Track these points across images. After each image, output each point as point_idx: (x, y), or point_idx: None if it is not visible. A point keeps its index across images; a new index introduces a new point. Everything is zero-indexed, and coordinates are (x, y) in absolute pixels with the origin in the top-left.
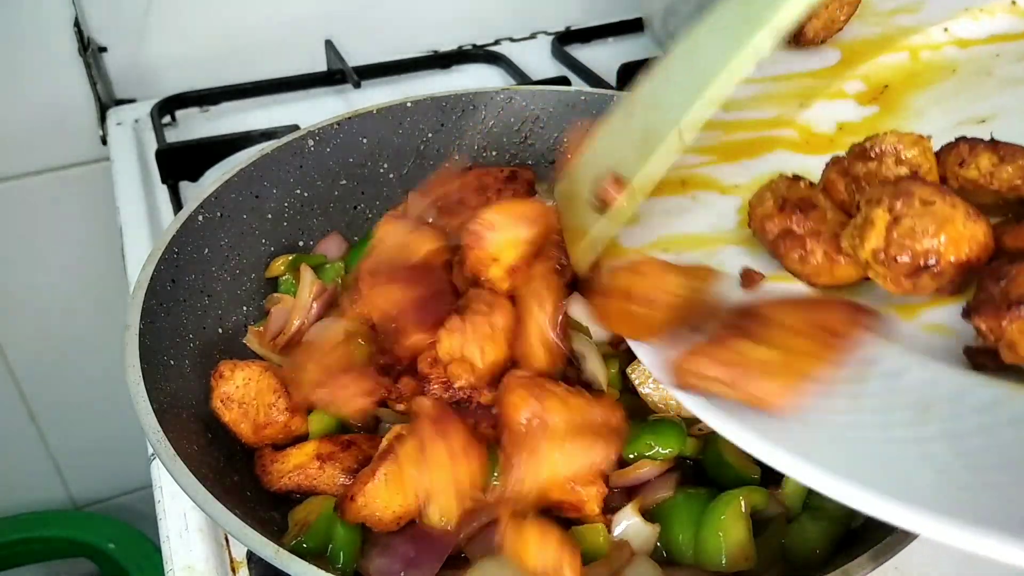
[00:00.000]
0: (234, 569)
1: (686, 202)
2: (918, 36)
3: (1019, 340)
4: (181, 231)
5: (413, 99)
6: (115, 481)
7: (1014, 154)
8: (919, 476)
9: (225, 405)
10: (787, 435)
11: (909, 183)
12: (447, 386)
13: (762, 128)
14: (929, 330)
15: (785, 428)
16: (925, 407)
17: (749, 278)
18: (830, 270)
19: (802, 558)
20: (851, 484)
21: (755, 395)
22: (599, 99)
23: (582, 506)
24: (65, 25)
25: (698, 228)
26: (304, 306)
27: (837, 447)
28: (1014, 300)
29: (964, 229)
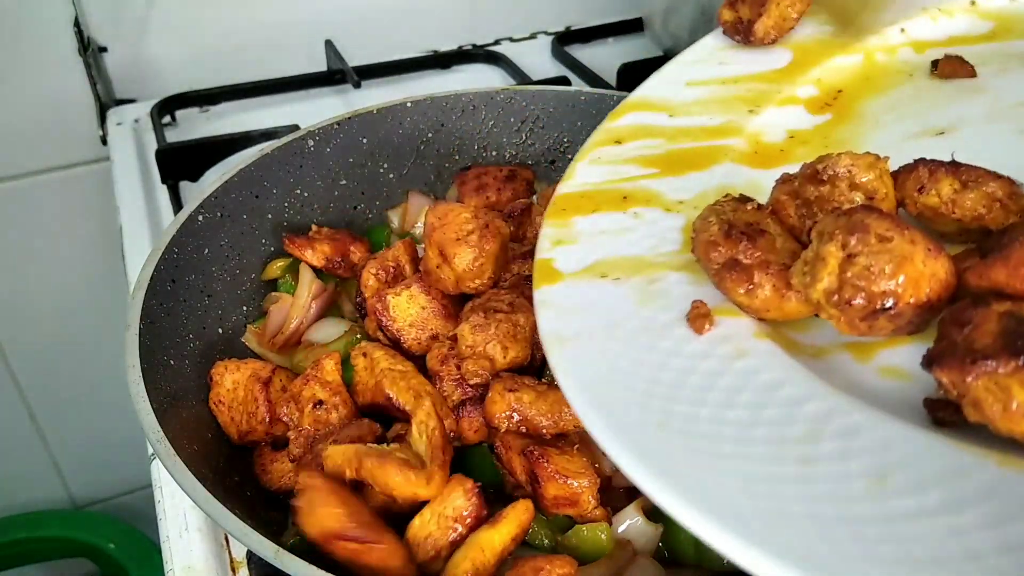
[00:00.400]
0: (234, 569)
1: (627, 220)
2: (874, 37)
3: (984, 398)
4: (181, 231)
5: (413, 99)
6: (115, 481)
7: (977, 180)
8: (879, 562)
9: (217, 407)
10: (729, 507)
11: (864, 215)
12: (459, 383)
13: (709, 137)
14: (885, 375)
15: (728, 498)
16: (881, 476)
17: (698, 315)
18: (779, 306)
19: None
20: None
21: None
22: (599, 99)
23: (578, 499)
24: (65, 25)
25: (639, 251)
26: (303, 305)
27: (792, 525)
28: (979, 352)
29: (924, 267)
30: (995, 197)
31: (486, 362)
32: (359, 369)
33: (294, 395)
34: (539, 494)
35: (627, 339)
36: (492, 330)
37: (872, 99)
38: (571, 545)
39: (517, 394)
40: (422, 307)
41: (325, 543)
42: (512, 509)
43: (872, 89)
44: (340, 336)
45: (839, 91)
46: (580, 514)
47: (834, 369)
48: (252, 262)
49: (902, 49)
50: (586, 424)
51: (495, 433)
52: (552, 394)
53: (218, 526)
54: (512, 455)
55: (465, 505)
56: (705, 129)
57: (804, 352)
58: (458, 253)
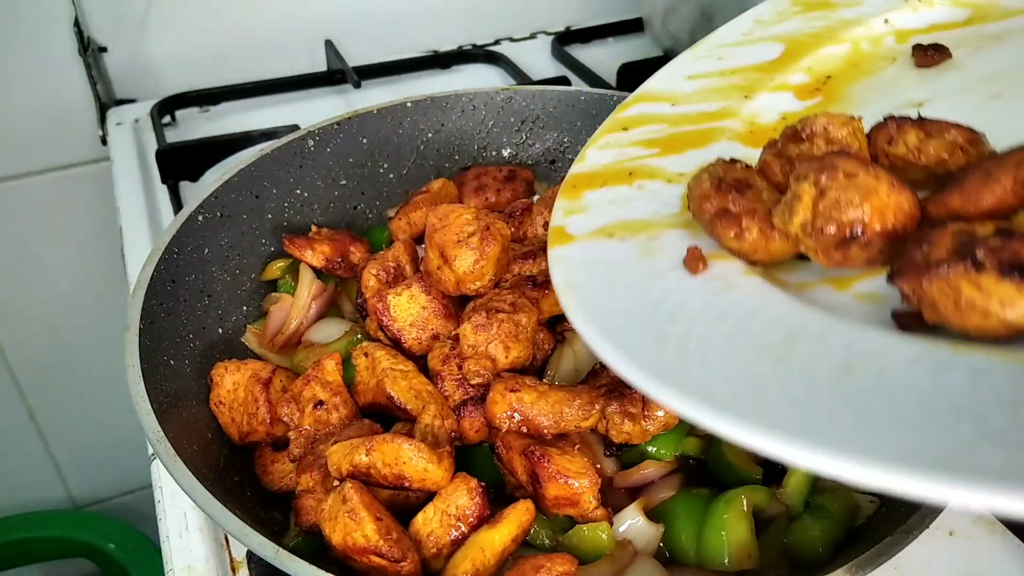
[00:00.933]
0: (234, 569)
1: (632, 192)
2: (860, 28)
3: (939, 299)
4: (181, 231)
5: (413, 99)
6: (115, 481)
7: (940, 130)
8: (840, 422)
9: (217, 408)
10: (713, 394)
11: (833, 157)
12: (460, 382)
13: (707, 120)
14: (861, 299)
15: (714, 388)
16: (848, 365)
17: (693, 257)
18: (765, 247)
19: (805, 557)
20: (770, 431)
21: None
22: (599, 99)
23: (578, 500)
24: (65, 25)
25: (643, 215)
26: (303, 306)
27: (768, 404)
28: (934, 261)
29: (888, 199)
30: (956, 143)
31: (488, 362)
32: (360, 369)
33: (295, 395)
34: (540, 494)
35: (630, 282)
36: (494, 330)
37: (858, 83)
38: (572, 545)
39: (518, 394)
40: (423, 307)
41: (352, 554)
42: (513, 510)
43: (858, 74)
44: (340, 336)
45: (828, 77)
46: (581, 514)
47: (815, 299)
48: (252, 262)
49: (886, 38)
50: (592, 346)
51: (496, 433)
52: (553, 394)
53: (218, 526)
54: (513, 455)
55: (468, 504)
56: (704, 114)
57: (789, 288)
58: (459, 255)
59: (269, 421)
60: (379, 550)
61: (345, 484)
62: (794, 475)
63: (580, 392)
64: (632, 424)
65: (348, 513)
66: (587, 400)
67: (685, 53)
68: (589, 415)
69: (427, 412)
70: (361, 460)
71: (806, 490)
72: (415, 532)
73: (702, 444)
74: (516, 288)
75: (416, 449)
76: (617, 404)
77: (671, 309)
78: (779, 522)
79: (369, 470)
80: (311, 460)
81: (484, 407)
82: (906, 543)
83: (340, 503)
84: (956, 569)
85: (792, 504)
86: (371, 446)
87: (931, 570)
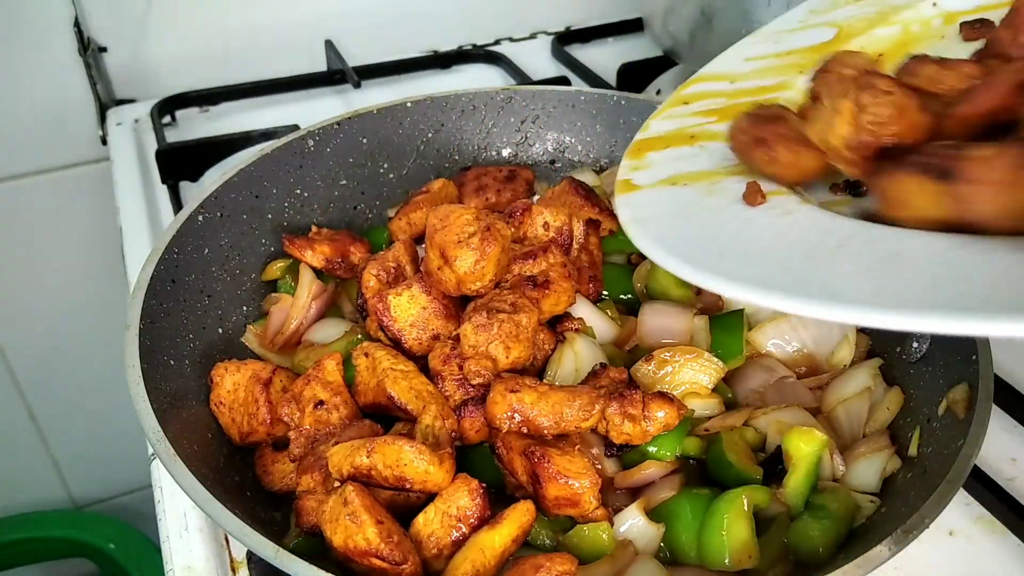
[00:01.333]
0: (234, 569)
1: (694, 150)
2: (909, 12)
3: (889, 194)
4: (181, 231)
5: (413, 99)
6: (115, 481)
7: (957, 65)
8: (891, 289)
9: (218, 408)
10: (778, 279)
11: (871, 76)
12: (461, 383)
13: (764, 93)
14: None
15: (774, 275)
16: (893, 254)
17: (752, 191)
18: (796, 163)
19: (805, 556)
20: (834, 302)
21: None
22: (599, 99)
23: (579, 500)
24: (65, 25)
25: (704, 167)
26: (303, 306)
27: (820, 281)
28: (889, 167)
29: (918, 116)
30: (971, 76)
31: (488, 362)
32: (361, 369)
33: (295, 395)
34: (540, 495)
35: (694, 215)
36: (495, 330)
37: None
38: (572, 545)
39: (518, 395)
40: (423, 307)
41: (353, 556)
42: (513, 511)
43: (909, 51)
44: (340, 336)
45: (880, 55)
46: (582, 514)
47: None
48: (252, 262)
49: (935, 20)
50: (662, 263)
51: (496, 434)
52: (554, 395)
53: (218, 526)
54: (513, 456)
55: (469, 505)
56: (761, 88)
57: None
58: (459, 256)
59: (269, 421)
60: (380, 553)
61: (346, 487)
62: (794, 475)
63: (580, 393)
64: (632, 425)
65: (349, 516)
66: (587, 401)
67: (743, 40)
68: (589, 416)
69: (427, 413)
70: (362, 462)
71: (806, 490)
72: (416, 533)
73: (702, 444)
74: (516, 288)
75: (417, 451)
76: (617, 405)
77: (733, 232)
78: (779, 522)
79: (370, 472)
80: (312, 461)
81: (484, 407)
82: (906, 543)
83: (341, 505)
84: (956, 569)
85: (792, 504)
86: (372, 448)
87: (931, 570)
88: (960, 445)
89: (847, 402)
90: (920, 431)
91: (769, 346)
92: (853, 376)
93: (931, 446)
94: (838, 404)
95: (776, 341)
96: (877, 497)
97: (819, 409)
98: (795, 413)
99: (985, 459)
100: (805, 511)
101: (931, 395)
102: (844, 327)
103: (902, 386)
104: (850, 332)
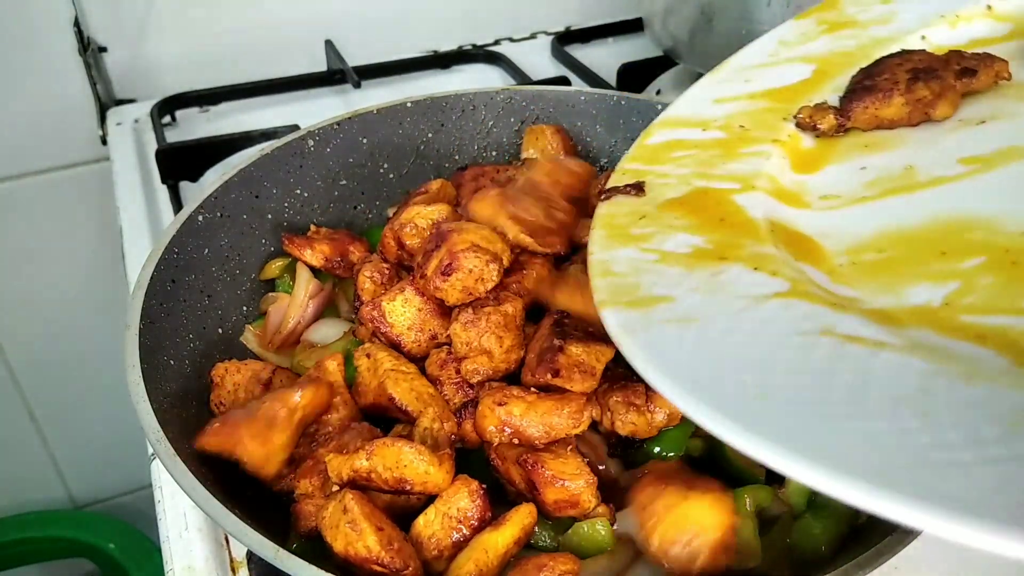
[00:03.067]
0: (234, 569)
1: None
2: (894, 46)
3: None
4: (181, 231)
5: (413, 99)
6: (115, 481)
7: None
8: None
9: (218, 409)
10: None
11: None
12: (460, 385)
13: (738, 148)
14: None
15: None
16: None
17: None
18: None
19: (808, 556)
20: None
21: None
22: (599, 99)
23: (578, 500)
24: (65, 25)
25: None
26: (300, 304)
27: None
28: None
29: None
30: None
31: (483, 357)
32: (362, 369)
33: None
34: (540, 500)
35: (700, 321)
36: (483, 323)
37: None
38: (572, 544)
39: (507, 407)
40: (418, 309)
41: (354, 563)
42: (516, 512)
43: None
44: (340, 337)
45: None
46: (583, 514)
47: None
48: (252, 262)
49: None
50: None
51: (489, 446)
52: (541, 404)
53: (218, 526)
54: (509, 465)
55: (469, 507)
56: (734, 140)
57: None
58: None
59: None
60: (381, 560)
61: (346, 494)
62: None
63: (568, 400)
64: (637, 415)
65: (349, 524)
66: (576, 408)
67: (707, 77)
68: (579, 423)
69: (426, 415)
70: (362, 465)
71: (808, 490)
72: (416, 535)
73: (704, 444)
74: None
75: (417, 452)
76: (621, 395)
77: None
78: (782, 522)
79: (370, 475)
80: (310, 465)
81: (474, 420)
82: (906, 543)
83: (341, 513)
84: (956, 569)
85: (795, 504)
86: (371, 450)
87: (931, 570)
88: None
89: None
90: None
91: None
92: None
93: None
94: None
95: None
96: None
97: None
98: None
99: None
100: (808, 510)
101: None
102: None
103: None
104: None
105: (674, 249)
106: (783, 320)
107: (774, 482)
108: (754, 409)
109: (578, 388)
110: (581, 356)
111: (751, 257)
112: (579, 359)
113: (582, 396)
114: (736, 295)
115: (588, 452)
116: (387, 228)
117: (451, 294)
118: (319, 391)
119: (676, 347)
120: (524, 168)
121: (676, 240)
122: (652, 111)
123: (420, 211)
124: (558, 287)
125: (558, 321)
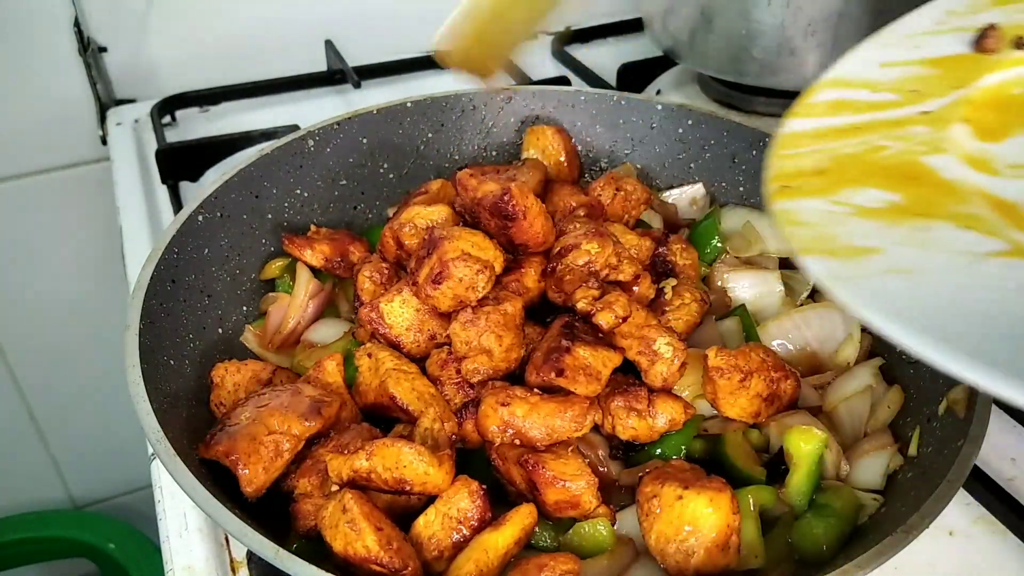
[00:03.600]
0: (234, 569)
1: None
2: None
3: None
4: (181, 231)
5: (413, 99)
6: (115, 481)
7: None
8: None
9: (219, 409)
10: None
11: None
12: (460, 385)
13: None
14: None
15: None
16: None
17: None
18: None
19: (810, 555)
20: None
21: None
22: (599, 99)
23: (578, 501)
24: (65, 25)
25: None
26: (300, 305)
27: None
28: None
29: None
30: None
31: (483, 356)
32: (363, 369)
33: None
34: (540, 501)
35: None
36: (483, 322)
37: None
38: (572, 544)
39: (509, 408)
40: (416, 309)
41: (353, 563)
42: (516, 512)
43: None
44: (340, 337)
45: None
46: (583, 514)
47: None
48: (252, 262)
49: None
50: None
51: (490, 446)
52: (544, 406)
53: (218, 526)
54: (510, 466)
55: (469, 507)
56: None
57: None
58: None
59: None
60: (380, 560)
61: (345, 494)
62: (795, 474)
63: (572, 403)
64: (638, 419)
65: (348, 524)
66: (579, 412)
67: (867, 42)
68: (581, 426)
69: (426, 416)
70: (361, 465)
71: (808, 489)
72: (416, 535)
73: (706, 445)
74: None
75: (416, 452)
76: (622, 400)
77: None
78: (784, 521)
79: (370, 475)
80: (309, 465)
81: (476, 419)
82: (906, 543)
83: (340, 512)
84: (956, 569)
85: (795, 503)
86: (371, 451)
87: (931, 570)
88: (960, 445)
89: (849, 400)
90: (920, 431)
91: (773, 345)
92: (855, 375)
93: (931, 446)
94: (840, 403)
95: (780, 340)
96: (881, 495)
97: (821, 408)
98: (797, 413)
99: (985, 459)
100: (809, 510)
101: (931, 395)
102: (848, 324)
103: (903, 385)
104: (855, 331)
105: (867, 204)
106: (1012, 278)
107: (776, 483)
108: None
109: (582, 391)
110: (588, 359)
111: (958, 216)
112: (586, 362)
113: (585, 400)
114: (953, 251)
115: (589, 453)
116: (387, 228)
117: (442, 302)
118: (328, 415)
119: (906, 297)
120: (524, 168)
121: (867, 195)
122: (652, 111)
123: (420, 211)
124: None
125: (569, 323)
